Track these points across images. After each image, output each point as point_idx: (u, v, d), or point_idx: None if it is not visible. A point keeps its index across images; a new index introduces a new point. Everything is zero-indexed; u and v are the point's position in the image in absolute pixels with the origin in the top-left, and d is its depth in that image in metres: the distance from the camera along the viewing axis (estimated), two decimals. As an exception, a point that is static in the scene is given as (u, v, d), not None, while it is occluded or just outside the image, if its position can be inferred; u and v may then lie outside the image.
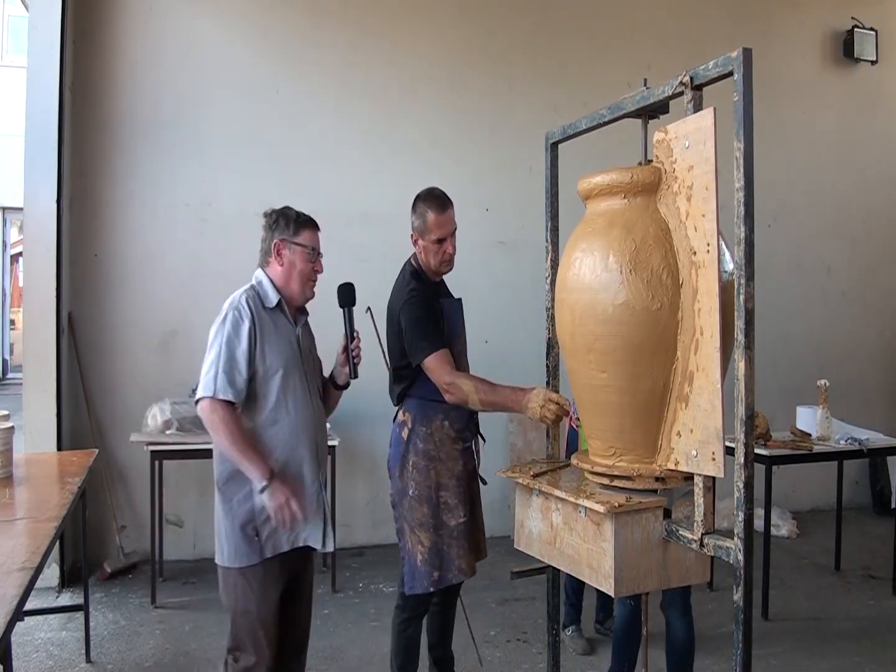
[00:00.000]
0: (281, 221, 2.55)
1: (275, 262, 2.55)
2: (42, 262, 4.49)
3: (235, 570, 2.45)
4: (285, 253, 2.54)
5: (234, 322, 2.42)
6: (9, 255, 15.06)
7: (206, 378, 2.37)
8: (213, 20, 5.10)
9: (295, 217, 2.57)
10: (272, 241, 2.55)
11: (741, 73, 1.79)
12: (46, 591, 4.35)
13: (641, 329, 1.99)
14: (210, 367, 2.38)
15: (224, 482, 2.45)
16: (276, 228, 2.55)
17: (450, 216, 2.89)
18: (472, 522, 2.91)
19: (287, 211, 2.59)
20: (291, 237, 2.54)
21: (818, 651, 3.75)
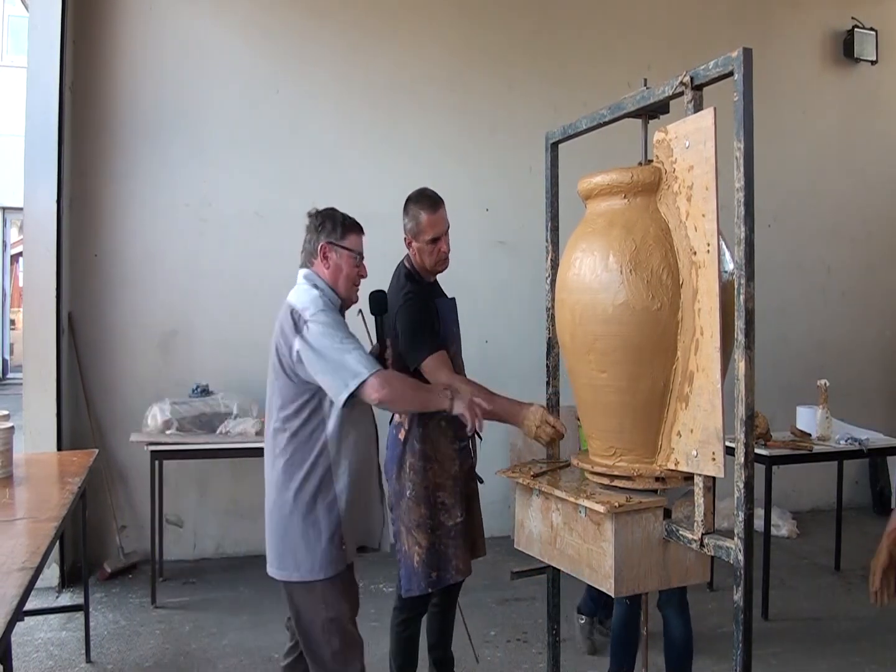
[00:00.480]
0: (328, 224, 2.48)
1: (320, 264, 2.49)
2: (42, 262, 4.49)
3: (322, 582, 2.36)
4: (331, 256, 2.47)
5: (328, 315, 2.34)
6: (9, 255, 15.06)
7: (344, 370, 2.25)
8: (214, 20, 5.10)
9: (342, 220, 2.51)
10: (318, 243, 2.47)
11: (741, 73, 1.79)
12: (46, 591, 4.35)
13: (641, 329, 1.99)
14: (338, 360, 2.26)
15: (308, 494, 2.36)
16: (322, 231, 2.48)
17: (442, 215, 2.88)
18: (469, 521, 2.91)
19: (334, 213, 2.52)
20: (338, 240, 2.48)
21: (818, 651, 3.74)
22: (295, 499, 2.36)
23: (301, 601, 2.39)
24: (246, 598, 4.39)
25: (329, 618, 2.36)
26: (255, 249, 5.10)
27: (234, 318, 5.06)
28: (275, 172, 5.14)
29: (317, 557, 2.34)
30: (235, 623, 4.04)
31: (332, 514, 2.36)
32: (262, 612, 4.16)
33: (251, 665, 3.61)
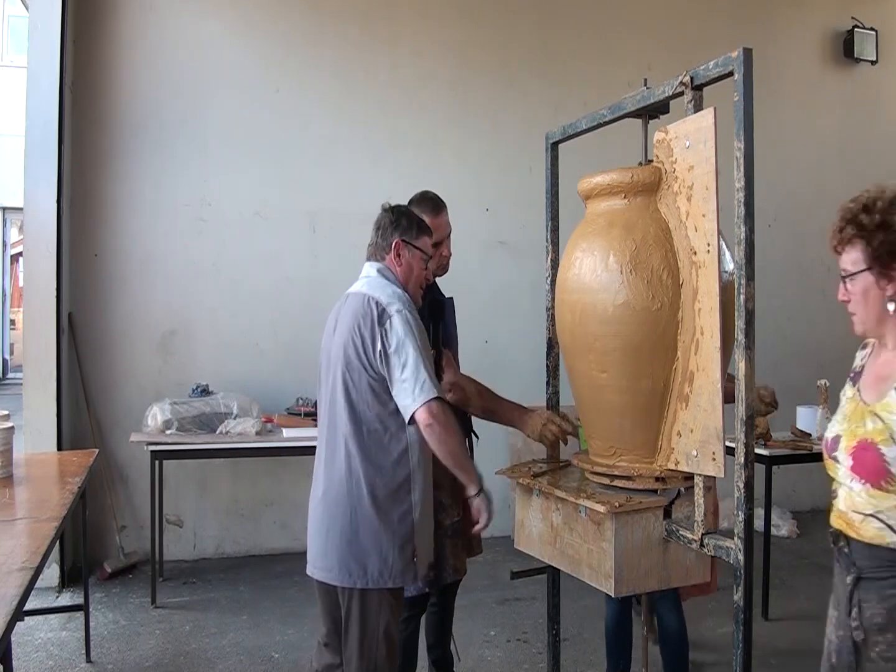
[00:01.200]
0: (404, 221, 2.45)
1: (392, 260, 2.43)
2: (42, 262, 4.49)
3: (384, 591, 2.29)
4: (404, 253, 2.43)
5: (414, 317, 2.30)
6: (9, 255, 15.05)
7: (420, 382, 2.21)
8: (214, 20, 5.10)
9: (417, 221, 2.49)
10: (393, 238, 2.42)
11: (741, 73, 1.80)
12: (47, 590, 4.35)
13: (642, 329, 1.99)
14: (417, 369, 2.22)
15: (386, 495, 2.27)
16: (398, 227, 2.43)
17: (444, 219, 2.85)
18: (466, 521, 2.91)
19: (409, 211, 2.51)
20: (413, 240, 2.44)
21: (818, 651, 3.72)
22: (372, 503, 2.27)
23: (361, 608, 2.31)
24: (246, 598, 4.39)
25: (381, 627, 2.30)
26: (255, 249, 5.10)
27: (234, 318, 5.06)
28: (275, 172, 5.14)
29: (386, 564, 2.26)
30: (235, 623, 4.04)
31: (406, 522, 2.29)
32: (261, 612, 4.16)
33: (251, 665, 3.61)
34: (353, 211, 5.04)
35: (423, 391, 2.20)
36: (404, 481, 2.28)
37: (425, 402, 2.20)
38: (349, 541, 2.27)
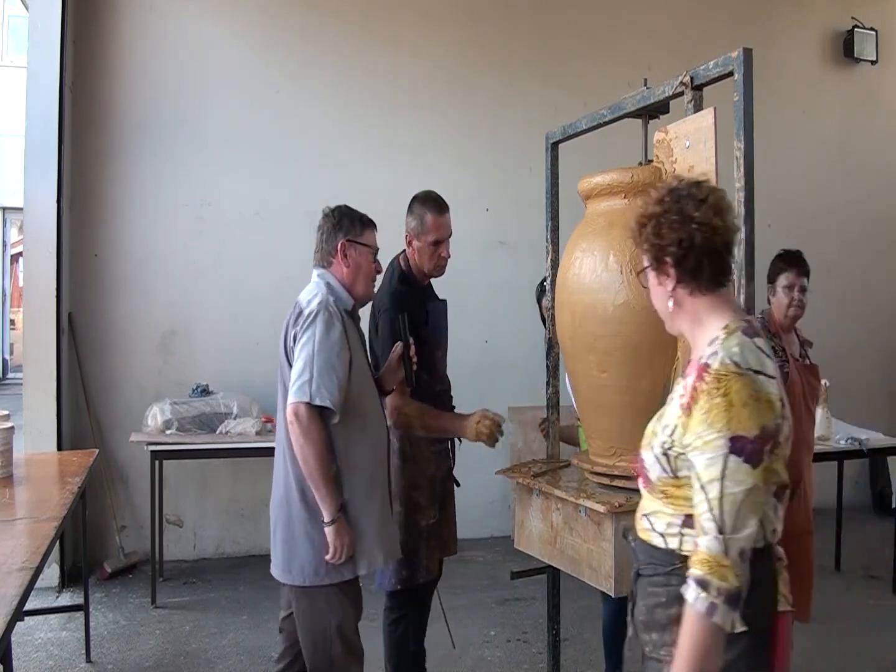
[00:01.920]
0: (345, 221, 2.46)
1: (339, 262, 2.44)
2: (42, 262, 4.49)
3: (329, 588, 2.33)
4: (351, 253, 2.44)
5: (326, 323, 2.29)
6: (9, 255, 15.05)
7: (300, 381, 2.24)
8: (214, 20, 5.10)
9: (359, 217, 2.49)
10: (337, 241, 2.44)
11: (741, 73, 1.80)
12: (47, 591, 4.34)
13: (642, 329, 2.00)
14: (304, 370, 2.24)
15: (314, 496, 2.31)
16: (340, 228, 2.45)
17: (447, 220, 2.87)
18: (443, 523, 2.90)
19: (349, 210, 2.51)
20: (357, 237, 2.46)
21: (818, 651, 3.74)
22: (302, 501, 2.32)
23: (306, 606, 2.37)
24: (246, 597, 4.39)
25: (333, 624, 2.33)
26: (255, 250, 5.10)
27: (234, 318, 5.06)
28: (275, 172, 5.14)
29: (322, 563, 2.30)
30: (235, 623, 4.04)
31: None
32: (261, 612, 4.16)
33: (251, 665, 3.61)
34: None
35: (299, 390, 2.23)
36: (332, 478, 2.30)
37: (296, 401, 2.23)
38: (287, 539, 2.35)
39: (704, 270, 1.53)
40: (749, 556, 1.41)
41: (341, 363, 2.28)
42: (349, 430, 2.33)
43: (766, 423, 1.42)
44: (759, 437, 1.41)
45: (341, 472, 2.32)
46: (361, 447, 2.36)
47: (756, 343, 1.52)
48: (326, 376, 2.24)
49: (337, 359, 2.27)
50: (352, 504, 2.32)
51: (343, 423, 2.31)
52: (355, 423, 2.34)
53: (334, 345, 2.28)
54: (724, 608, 1.37)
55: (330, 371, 2.25)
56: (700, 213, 1.51)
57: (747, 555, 1.40)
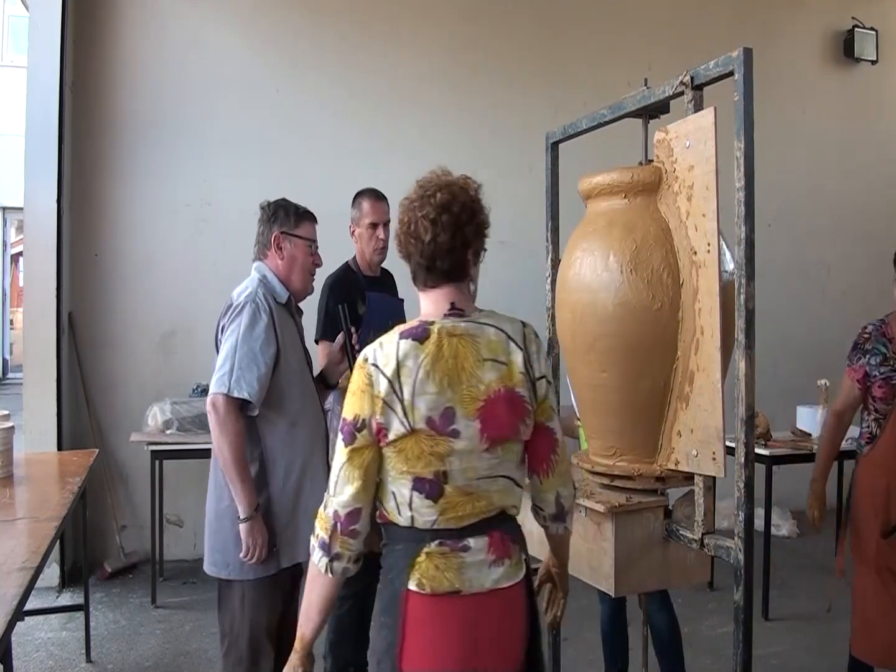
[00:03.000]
0: (280, 213, 2.46)
1: (274, 255, 2.45)
2: (42, 262, 4.48)
3: (246, 583, 2.32)
4: (286, 246, 2.45)
5: (251, 315, 2.29)
6: (9, 255, 15.05)
7: (220, 373, 2.23)
8: (214, 20, 5.10)
9: (294, 209, 2.49)
10: (271, 233, 2.45)
11: (741, 73, 1.80)
12: (47, 590, 4.34)
13: (642, 329, 1.99)
14: (224, 361, 2.24)
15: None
16: (275, 221, 2.45)
17: (384, 207, 3.14)
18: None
19: (285, 203, 2.51)
20: (292, 230, 2.45)
21: (819, 651, 3.74)
22: (227, 496, 2.30)
23: (223, 597, 2.37)
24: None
25: (246, 619, 2.32)
26: (255, 249, 5.09)
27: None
28: (275, 172, 5.13)
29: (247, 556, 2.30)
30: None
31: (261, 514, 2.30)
32: (262, 612, 4.16)
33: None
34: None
35: (218, 382, 2.23)
36: (256, 476, 2.30)
37: (214, 392, 2.23)
38: (214, 532, 2.36)
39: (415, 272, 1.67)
40: (347, 517, 1.60)
41: (264, 356, 2.26)
42: (276, 423, 2.32)
43: (359, 413, 1.57)
44: (352, 422, 1.58)
45: (266, 465, 2.32)
46: (290, 440, 2.35)
47: (402, 344, 1.58)
48: (247, 368, 2.23)
49: (259, 352, 2.25)
50: (276, 498, 2.33)
51: (268, 417, 2.30)
52: (283, 417, 2.33)
53: (258, 337, 2.27)
54: (317, 552, 1.63)
55: (251, 364, 2.23)
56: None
57: (340, 516, 1.60)
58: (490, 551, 1.62)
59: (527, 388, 1.62)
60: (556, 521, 1.76)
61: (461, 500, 1.59)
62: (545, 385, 1.66)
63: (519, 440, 1.64)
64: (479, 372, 1.58)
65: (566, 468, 1.74)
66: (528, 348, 1.65)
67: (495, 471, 1.62)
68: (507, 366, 1.61)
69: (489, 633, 1.60)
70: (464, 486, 1.59)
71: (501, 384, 1.59)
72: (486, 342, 1.61)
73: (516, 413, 1.60)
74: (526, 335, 1.67)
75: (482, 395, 1.58)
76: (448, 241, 1.63)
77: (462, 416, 1.57)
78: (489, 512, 1.63)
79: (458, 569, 1.59)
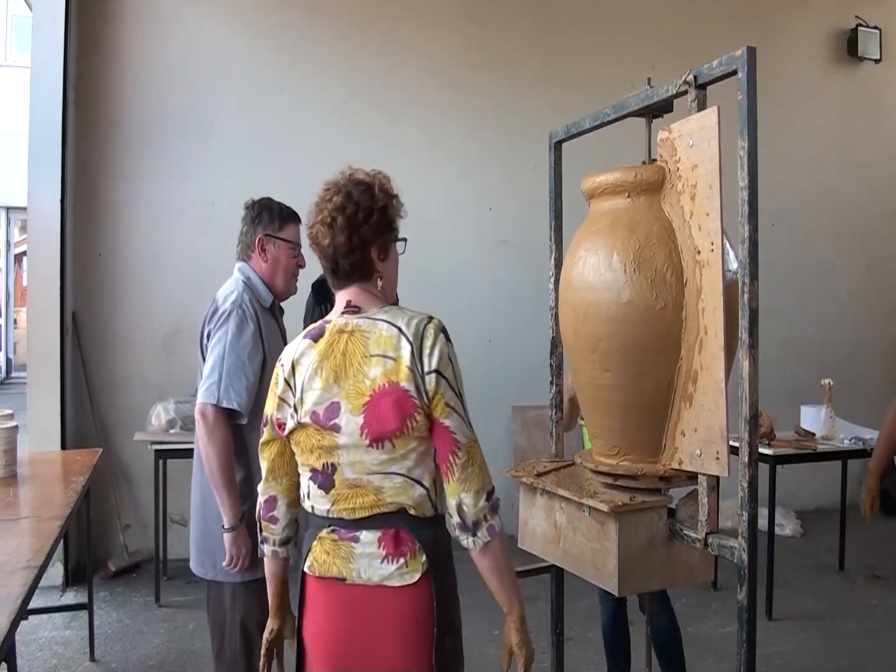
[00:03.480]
0: (265, 215, 2.44)
1: (258, 257, 2.44)
2: (46, 262, 4.49)
3: (236, 584, 2.32)
4: (269, 248, 2.43)
5: (239, 323, 2.27)
6: (12, 255, 15.08)
7: (209, 382, 2.22)
8: (218, 20, 5.11)
9: (279, 210, 2.46)
10: (255, 235, 2.43)
11: (745, 72, 1.79)
12: (50, 589, 4.36)
13: (645, 328, 1.99)
14: (213, 370, 2.22)
15: None
16: (259, 222, 2.44)
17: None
18: None
19: (270, 203, 2.48)
20: (276, 232, 2.44)
21: (822, 651, 3.74)
22: (214, 503, 2.29)
23: (213, 597, 2.38)
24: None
25: (237, 619, 2.32)
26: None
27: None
28: (279, 172, 5.13)
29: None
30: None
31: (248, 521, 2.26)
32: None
33: (255, 664, 3.61)
34: (356, 210, 5.05)
35: (207, 391, 2.21)
36: (243, 480, 2.29)
37: (203, 402, 2.21)
38: (203, 534, 2.36)
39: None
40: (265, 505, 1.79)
41: (252, 365, 2.25)
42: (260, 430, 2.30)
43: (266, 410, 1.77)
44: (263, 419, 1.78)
45: (252, 471, 2.28)
46: None
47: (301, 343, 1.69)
48: (235, 378, 2.21)
49: (248, 360, 2.24)
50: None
51: (254, 424, 2.22)
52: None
53: (245, 346, 2.25)
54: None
55: (239, 373, 2.22)
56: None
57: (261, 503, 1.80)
58: (381, 546, 1.62)
59: (413, 383, 1.57)
60: (462, 531, 1.64)
61: (350, 492, 1.63)
62: (435, 379, 1.59)
63: (415, 437, 1.60)
64: (365, 367, 1.59)
65: (474, 474, 1.62)
66: (421, 343, 1.60)
67: (386, 467, 1.61)
68: (395, 360, 1.59)
69: (371, 625, 1.62)
70: (353, 479, 1.62)
71: (386, 379, 1.58)
72: (375, 338, 1.61)
73: (401, 409, 1.57)
74: (422, 330, 1.62)
75: (367, 391, 1.58)
76: (345, 243, 1.66)
77: (346, 410, 1.59)
78: (383, 507, 1.62)
79: (347, 557, 1.63)
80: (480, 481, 1.63)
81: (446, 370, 1.62)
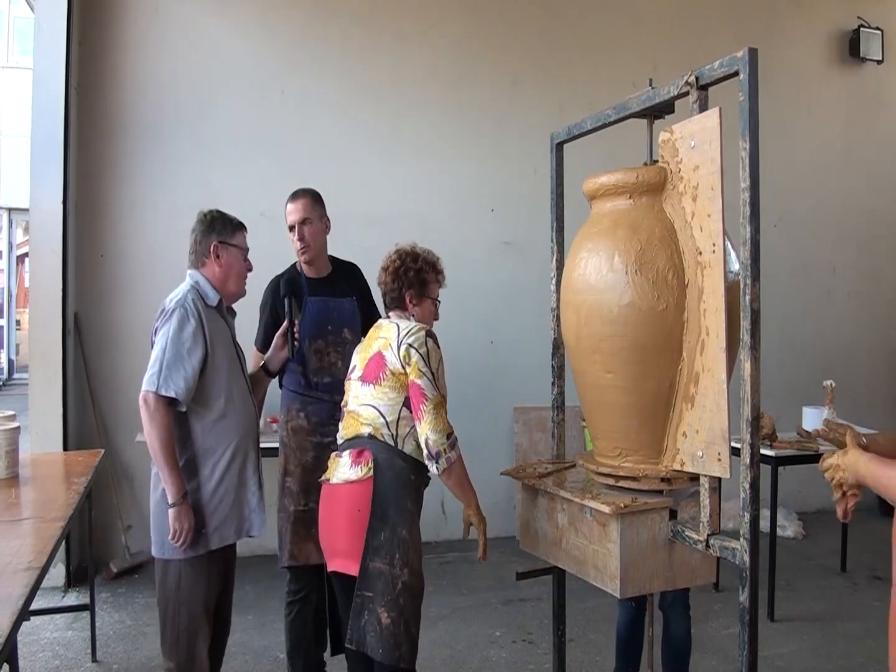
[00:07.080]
0: (218, 224, 2.67)
1: (212, 263, 2.66)
2: (48, 263, 4.50)
3: (179, 561, 2.48)
4: (223, 254, 2.66)
5: (180, 319, 2.48)
6: (15, 256, 15.09)
7: (151, 372, 2.42)
8: (219, 21, 5.11)
9: (230, 220, 2.70)
10: (210, 242, 2.65)
11: (747, 73, 1.79)
12: (52, 590, 4.36)
13: (647, 329, 1.99)
14: (154, 362, 2.43)
15: None
16: (212, 231, 2.66)
17: (297, 207, 3.16)
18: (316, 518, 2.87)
19: (221, 214, 2.71)
20: (229, 239, 2.67)
21: (824, 652, 3.74)
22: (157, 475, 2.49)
23: (161, 576, 2.53)
24: (251, 597, 4.39)
25: (182, 597, 2.48)
26: (259, 250, 5.03)
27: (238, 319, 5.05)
28: (280, 173, 5.13)
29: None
30: (241, 623, 4.03)
31: (192, 500, 2.47)
32: (267, 612, 4.17)
33: (257, 665, 3.62)
34: (358, 211, 5.04)
35: (149, 380, 2.43)
36: (187, 463, 2.48)
37: (145, 390, 2.42)
38: (154, 515, 2.53)
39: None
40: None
41: (190, 358, 2.46)
42: (204, 416, 2.51)
43: None
44: None
45: (197, 454, 2.51)
46: (219, 432, 2.52)
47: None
48: (174, 369, 2.42)
49: (187, 353, 2.45)
50: (206, 485, 2.50)
51: (198, 412, 2.49)
52: (212, 411, 2.51)
53: (185, 340, 2.47)
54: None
55: (178, 365, 2.43)
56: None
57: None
58: (351, 458, 2.35)
59: (391, 352, 2.35)
60: (428, 460, 2.29)
61: (346, 422, 2.44)
62: (405, 349, 2.32)
63: (387, 386, 2.33)
64: (374, 344, 2.43)
65: (438, 419, 2.29)
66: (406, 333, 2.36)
67: (368, 400, 2.36)
68: (386, 340, 2.39)
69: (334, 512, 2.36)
70: (353, 410, 2.41)
71: (379, 350, 2.39)
72: (385, 330, 2.44)
73: (379, 366, 2.36)
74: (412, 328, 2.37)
75: (369, 355, 2.41)
76: (391, 283, 2.50)
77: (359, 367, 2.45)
78: (359, 430, 2.37)
79: (334, 468, 2.40)
80: (442, 424, 2.30)
81: (420, 349, 2.33)
